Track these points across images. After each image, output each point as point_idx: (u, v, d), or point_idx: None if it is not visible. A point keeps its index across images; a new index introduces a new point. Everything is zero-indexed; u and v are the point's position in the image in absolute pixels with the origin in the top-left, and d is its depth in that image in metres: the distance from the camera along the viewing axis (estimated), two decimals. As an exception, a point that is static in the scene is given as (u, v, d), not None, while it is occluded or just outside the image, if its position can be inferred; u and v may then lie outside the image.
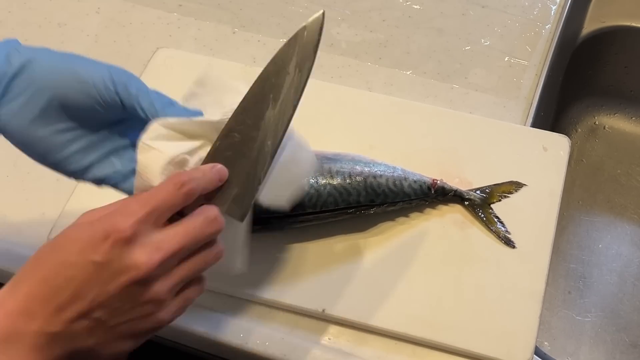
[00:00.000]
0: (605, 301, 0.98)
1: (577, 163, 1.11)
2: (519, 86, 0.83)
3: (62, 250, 0.44)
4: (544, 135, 0.76)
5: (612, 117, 1.15)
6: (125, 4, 0.92)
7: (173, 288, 0.47)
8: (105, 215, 0.45)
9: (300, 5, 0.92)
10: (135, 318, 0.46)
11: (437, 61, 0.86)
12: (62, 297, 0.44)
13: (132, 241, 0.44)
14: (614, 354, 0.94)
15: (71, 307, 0.44)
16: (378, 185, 0.66)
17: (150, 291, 0.45)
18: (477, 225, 0.69)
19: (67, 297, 0.44)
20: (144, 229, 0.45)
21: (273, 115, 0.51)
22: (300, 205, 0.64)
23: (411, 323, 0.63)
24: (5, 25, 0.90)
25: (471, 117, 0.78)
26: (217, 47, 0.88)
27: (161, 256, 0.45)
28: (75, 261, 0.44)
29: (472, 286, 0.65)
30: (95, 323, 0.45)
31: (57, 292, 0.44)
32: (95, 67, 0.52)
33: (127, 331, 0.46)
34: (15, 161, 0.77)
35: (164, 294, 0.46)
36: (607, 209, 1.07)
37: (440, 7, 0.92)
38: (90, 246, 0.44)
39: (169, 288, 0.46)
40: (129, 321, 0.46)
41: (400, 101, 0.79)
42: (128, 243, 0.44)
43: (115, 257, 0.44)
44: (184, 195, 0.47)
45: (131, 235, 0.44)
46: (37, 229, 0.71)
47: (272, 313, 0.65)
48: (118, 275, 0.44)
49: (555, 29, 0.89)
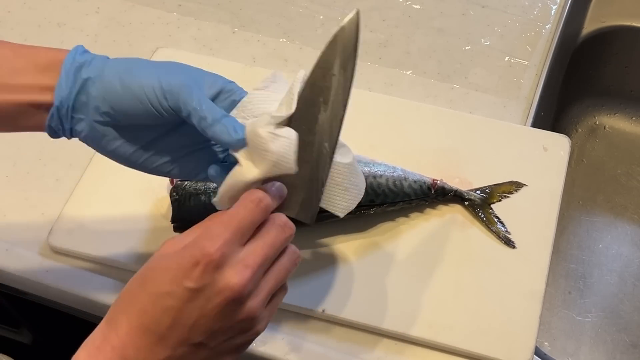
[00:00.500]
0: (605, 301, 0.98)
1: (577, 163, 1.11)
2: (519, 86, 0.83)
3: (153, 282, 0.46)
4: (544, 135, 0.76)
5: (612, 117, 1.14)
6: (125, 4, 0.92)
7: (264, 301, 0.48)
8: (192, 242, 0.46)
9: (300, 5, 0.92)
10: (234, 335, 0.48)
11: (437, 61, 0.86)
12: (162, 326, 0.45)
13: (221, 264, 0.45)
14: (614, 354, 0.94)
15: (173, 335, 0.45)
16: (378, 185, 0.66)
17: (245, 308, 0.46)
18: (477, 225, 0.69)
19: (168, 326, 0.45)
20: (230, 250, 0.46)
21: (326, 118, 0.52)
22: (300, 206, 0.64)
23: (411, 323, 0.63)
24: (5, 25, 0.90)
25: (471, 117, 0.78)
26: (217, 47, 0.88)
27: (250, 273, 0.46)
28: (170, 290, 0.45)
29: (472, 286, 0.65)
30: (197, 347, 0.46)
31: (157, 322, 0.45)
32: (149, 78, 0.52)
33: (227, 348, 0.48)
34: (15, 161, 0.77)
35: (258, 308, 0.47)
36: (607, 209, 1.07)
37: (440, 7, 0.92)
38: (181, 274, 0.45)
39: (261, 302, 0.47)
40: (228, 339, 0.47)
41: (400, 101, 0.79)
42: (218, 266, 0.45)
43: (208, 282, 0.45)
44: (263, 210, 0.48)
45: (220, 258, 0.45)
46: (37, 229, 0.71)
47: (272, 313, 0.65)
48: (213, 298, 0.45)
49: (556, 29, 0.89)
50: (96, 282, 0.68)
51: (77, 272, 0.68)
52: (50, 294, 0.70)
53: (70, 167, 0.75)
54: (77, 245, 0.69)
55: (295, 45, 0.87)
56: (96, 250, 0.68)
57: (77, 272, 0.68)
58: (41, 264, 0.69)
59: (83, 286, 0.68)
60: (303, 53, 0.86)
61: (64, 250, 0.69)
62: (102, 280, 0.68)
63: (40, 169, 0.76)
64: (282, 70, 0.84)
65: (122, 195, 0.71)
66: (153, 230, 0.69)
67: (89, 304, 0.68)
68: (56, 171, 0.76)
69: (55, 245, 0.69)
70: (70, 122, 0.53)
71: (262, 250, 0.47)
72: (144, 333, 0.45)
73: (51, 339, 1.03)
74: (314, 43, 0.87)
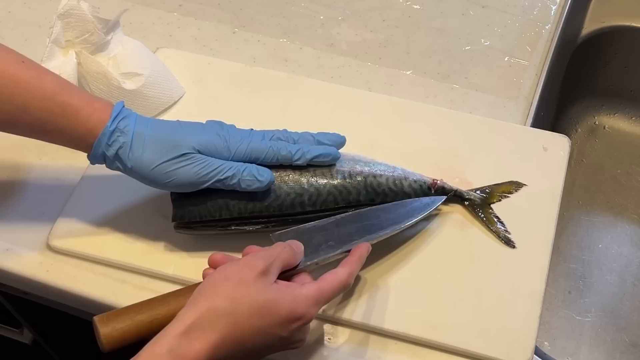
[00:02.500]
0: (605, 301, 0.98)
1: (577, 163, 1.11)
2: (519, 86, 0.83)
3: (266, 318, 0.53)
4: (544, 135, 0.76)
5: (612, 117, 1.15)
6: (125, 4, 0.92)
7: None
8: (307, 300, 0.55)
9: (300, 5, 0.92)
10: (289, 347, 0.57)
11: (437, 61, 0.86)
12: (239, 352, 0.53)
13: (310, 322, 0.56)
14: (614, 354, 0.94)
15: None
16: (378, 184, 0.66)
17: (304, 333, 0.57)
18: (477, 225, 0.69)
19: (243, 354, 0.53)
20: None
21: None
22: (301, 204, 0.64)
23: (411, 323, 0.63)
24: (5, 25, 0.90)
25: (471, 117, 0.78)
26: (217, 47, 0.88)
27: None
28: (270, 332, 0.53)
29: (472, 286, 0.65)
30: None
31: (239, 346, 0.52)
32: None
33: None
34: (15, 161, 0.77)
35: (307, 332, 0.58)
36: (607, 209, 1.07)
37: (440, 7, 0.92)
38: (285, 323, 0.53)
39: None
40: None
41: (400, 101, 0.79)
42: (308, 324, 0.56)
43: (296, 333, 0.55)
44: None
45: (312, 319, 0.56)
46: (37, 229, 0.71)
47: (272, 313, 0.65)
48: (290, 343, 0.56)
49: (555, 29, 0.89)
50: (96, 282, 0.68)
51: (77, 272, 0.68)
52: (50, 294, 0.70)
53: (70, 167, 0.75)
54: (77, 245, 0.69)
55: (295, 45, 0.88)
56: (96, 250, 0.68)
57: (77, 272, 0.68)
58: (41, 264, 0.69)
59: (83, 286, 0.68)
60: (303, 53, 0.86)
61: (64, 250, 0.69)
62: (102, 280, 0.68)
63: (41, 169, 0.76)
64: (282, 70, 0.84)
65: (122, 195, 0.71)
66: (153, 230, 0.69)
67: (89, 304, 0.68)
68: (56, 171, 0.76)
69: (55, 245, 0.69)
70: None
71: (330, 294, 0.58)
72: (231, 344, 0.51)
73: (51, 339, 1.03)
74: (314, 43, 0.87)
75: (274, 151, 0.63)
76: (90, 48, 0.74)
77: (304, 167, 0.65)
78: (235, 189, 0.62)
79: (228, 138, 0.62)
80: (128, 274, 0.68)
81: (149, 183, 0.62)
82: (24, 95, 0.59)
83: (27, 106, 0.59)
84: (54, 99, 0.59)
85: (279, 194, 0.63)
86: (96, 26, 0.73)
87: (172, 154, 0.60)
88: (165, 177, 0.60)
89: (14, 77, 0.59)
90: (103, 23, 0.74)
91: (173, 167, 0.60)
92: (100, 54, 0.75)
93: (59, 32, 0.72)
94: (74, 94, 0.60)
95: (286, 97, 0.79)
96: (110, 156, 0.60)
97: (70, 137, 0.61)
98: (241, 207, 0.63)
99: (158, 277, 0.67)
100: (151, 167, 0.60)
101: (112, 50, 0.76)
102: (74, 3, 0.72)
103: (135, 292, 0.66)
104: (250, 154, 0.62)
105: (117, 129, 0.60)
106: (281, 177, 0.64)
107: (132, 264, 0.67)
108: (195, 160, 0.60)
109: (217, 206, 0.63)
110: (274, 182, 0.63)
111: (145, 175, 0.61)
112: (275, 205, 0.63)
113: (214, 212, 0.63)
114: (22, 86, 0.59)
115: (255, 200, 0.63)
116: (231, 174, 0.61)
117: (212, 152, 0.61)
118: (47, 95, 0.59)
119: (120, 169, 0.61)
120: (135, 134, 0.60)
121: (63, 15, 0.72)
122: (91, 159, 0.62)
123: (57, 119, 0.60)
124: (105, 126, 0.59)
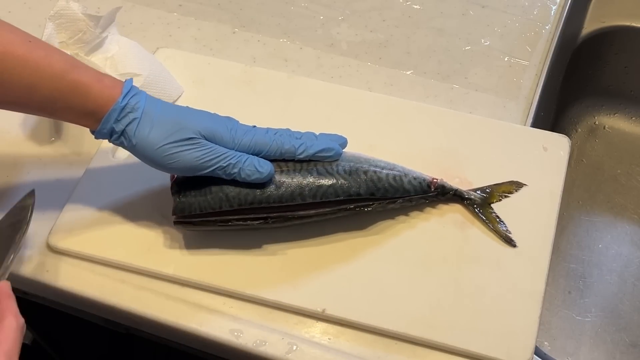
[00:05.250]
0: (605, 301, 0.98)
1: (577, 163, 1.11)
2: (519, 86, 0.83)
3: None
4: (544, 135, 0.76)
5: (612, 117, 1.15)
6: (125, 4, 0.92)
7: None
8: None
9: (300, 5, 0.92)
10: None
11: (437, 61, 0.86)
12: None
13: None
14: (614, 354, 0.94)
15: None
16: (378, 179, 0.66)
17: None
18: (477, 225, 0.69)
19: None
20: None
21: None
22: (301, 195, 0.64)
23: (411, 323, 0.63)
24: (5, 25, 0.90)
25: (471, 117, 0.78)
26: (217, 47, 0.88)
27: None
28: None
29: (472, 286, 0.65)
30: None
31: None
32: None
33: None
34: (15, 161, 0.77)
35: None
36: (607, 209, 1.07)
37: (440, 7, 0.92)
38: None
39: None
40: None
41: (400, 101, 0.79)
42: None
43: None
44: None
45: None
46: (37, 229, 0.71)
47: (272, 313, 0.65)
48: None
49: (555, 29, 0.89)
50: (96, 282, 0.68)
51: (77, 272, 0.68)
52: (50, 294, 0.70)
53: (71, 166, 0.75)
54: (77, 245, 0.69)
55: (295, 45, 0.88)
56: (96, 250, 0.68)
57: (77, 272, 0.68)
58: (41, 264, 0.69)
59: (83, 286, 0.68)
60: (303, 53, 0.86)
61: (64, 250, 0.69)
62: (102, 280, 0.68)
63: (40, 169, 0.76)
64: (282, 70, 0.84)
65: (122, 195, 0.71)
66: (153, 230, 0.69)
67: (89, 304, 0.68)
68: (56, 171, 0.76)
69: (55, 245, 0.69)
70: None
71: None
72: None
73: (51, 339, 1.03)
74: (314, 43, 0.87)
75: (278, 145, 0.64)
76: (85, 48, 0.74)
77: (306, 161, 0.65)
78: (235, 178, 0.62)
79: (234, 129, 0.63)
80: (128, 274, 0.68)
81: (150, 163, 0.62)
82: (34, 76, 0.59)
83: (37, 86, 0.59)
84: (64, 78, 0.59)
85: (279, 185, 0.64)
86: (88, 24, 0.73)
87: (178, 136, 0.60)
88: (167, 158, 0.60)
89: (22, 58, 0.58)
90: (95, 20, 0.74)
91: (177, 150, 0.60)
92: (97, 54, 0.75)
93: (51, 34, 0.72)
94: (82, 71, 0.60)
95: (286, 97, 0.79)
96: (118, 131, 0.60)
97: (80, 113, 0.61)
98: (241, 198, 0.63)
99: (158, 277, 0.67)
100: (155, 147, 0.60)
101: (109, 51, 0.76)
102: (63, 4, 0.72)
103: (135, 292, 0.67)
104: (254, 146, 0.63)
105: (128, 105, 0.60)
106: (282, 169, 0.64)
107: (132, 264, 0.67)
108: (199, 145, 0.61)
109: (217, 198, 0.63)
110: (275, 173, 0.63)
111: (148, 154, 0.61)
112: (275, 196, 0.64)
113: (214, 204, 0.64)
114: (30, 66, 0.59)
115: (255, 192, 0.63)
116: (234, 162, 0.62)
117: (217, 140, 0.62)
118: (56, 75, 0.59)
119: (124, 145, 0.61)
120: (145, 112, 0.60)
121: (53, 16, 0.72)
122: (96, 134, 0.62)
123: (68, 97, 0.59)
124: (116, 101, 0.60)
